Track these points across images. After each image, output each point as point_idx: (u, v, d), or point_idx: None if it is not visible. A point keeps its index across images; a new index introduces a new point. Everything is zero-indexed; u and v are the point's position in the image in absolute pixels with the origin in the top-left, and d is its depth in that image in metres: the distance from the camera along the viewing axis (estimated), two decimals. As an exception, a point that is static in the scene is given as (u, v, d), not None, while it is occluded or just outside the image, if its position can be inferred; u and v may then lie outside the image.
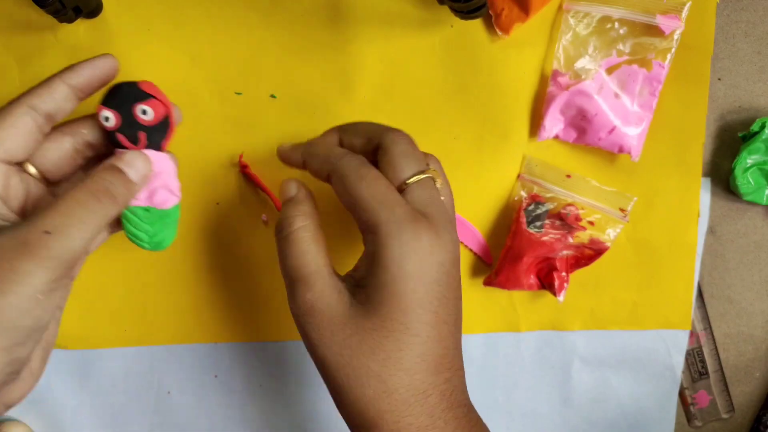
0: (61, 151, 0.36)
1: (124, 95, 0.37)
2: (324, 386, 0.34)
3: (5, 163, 0.33)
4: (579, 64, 0.46)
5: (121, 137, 0.36)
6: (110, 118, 0.36)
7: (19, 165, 0.35)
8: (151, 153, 0.37)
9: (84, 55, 0.45)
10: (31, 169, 0.35)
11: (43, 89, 0.34)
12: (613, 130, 0.46)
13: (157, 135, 0.37)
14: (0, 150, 0.33)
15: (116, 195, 0.33)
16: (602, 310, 0.51)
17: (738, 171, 0.48)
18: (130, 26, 0.45)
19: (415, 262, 0.32)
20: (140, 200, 0.36)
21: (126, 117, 0.37)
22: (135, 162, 0.35)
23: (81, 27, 0.44)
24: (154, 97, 0.37)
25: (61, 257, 0.30)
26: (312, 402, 0.50)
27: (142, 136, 0.37)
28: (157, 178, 0.37)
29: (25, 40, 0.44)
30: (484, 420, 0.36)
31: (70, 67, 0.35)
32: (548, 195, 0.47)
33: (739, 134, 0.49)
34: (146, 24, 0.45)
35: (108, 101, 0.37)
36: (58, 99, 0.34)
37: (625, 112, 0.46)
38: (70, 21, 0.43)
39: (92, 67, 0.36)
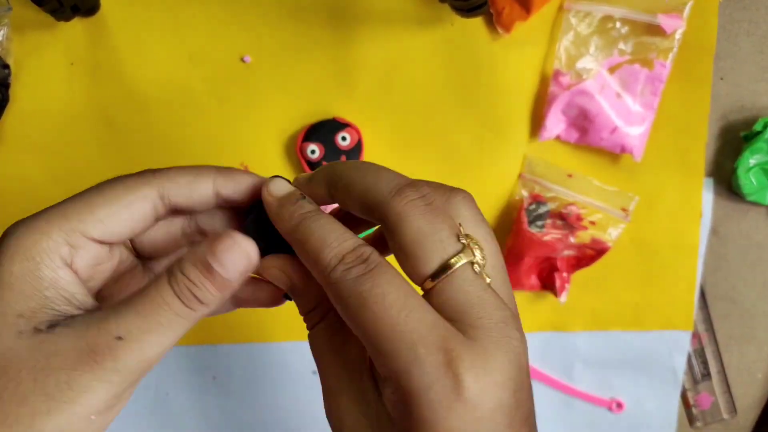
0: (168, 234, 0.30)
1: (325, 129, 0.45)
2: (321, 388, 0.32)
3: (99, 243, 0.26)
4: (580, 63, 0.46)
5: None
6: (316, 150, 0.45)
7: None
8: None
9: (83, 54, 0.45)
10: (127, 243, 0.29)
11: (185, 179, 0.27)
12: (615, 130, 0.46)
13: (354, 157, 0.45)
14: (100, 229, 0.26)
15: (203, 299, 0.25)
16: (604, 311, 0.50)
17: (740, 171, 0.48)
18: (128, 24, 0.44)
19: (466, 422, 0.22)
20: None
21: (329, 146, 0.45)
22: (229, 258, 0.25)
23: (78, 25, 0.44)
24: (349, 125, 0.45)
25: (130, 370, 0.23)
26: (310, 403, 0.50)
27: (343, 159, 0.45)
28: None
29: (23, 39, 0.44)
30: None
31: (225, 171, 0.28)
32: (549, 194, 0.47)
33: (742, 134, 0.49)
34: (144, 22, 0.44)
35: (311, 136, 0.45)
36: (196, 199, 0.27)
37: (627, 112, 0.46)
38: (68, 19, 0.43)
39: (248, 181, 0.28)
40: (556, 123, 0.46)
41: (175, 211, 0.28)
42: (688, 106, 0.47)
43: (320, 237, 0.24)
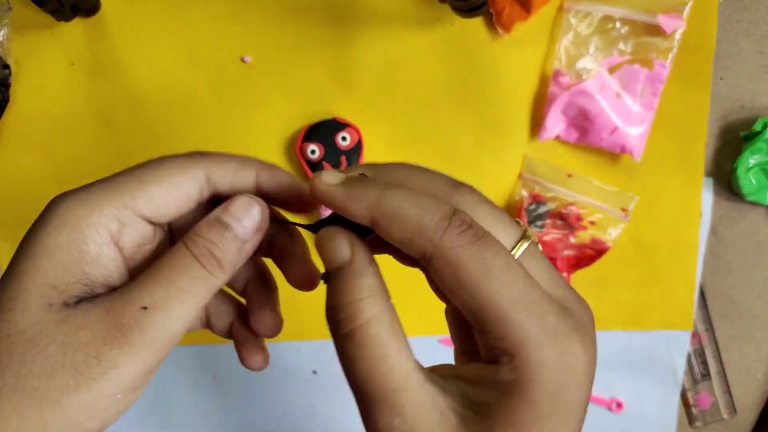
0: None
1: (325, 129, 0.45)
2: (322, 389, 0.32)
3: (147, 222, 0.26)
4: (580, 63, 0.46)
5: (325, 164, 0.44)
6: (316, 150, 0.45)
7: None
8: None
9: (83, 54, 0.45)
10: (165, 226, 0.29)
11: (231, 165, 0.27)
12: (615, 130, 0.46)
13: (354, 157, 0.45)
14: (150, 207, 0.25)
15: (222, 259, 0.24)
16: (604, 311, 0.50)
17: (740, 171, 0.48)
18: (128, 24, 0.44)
19: (572, 389, 0.22)
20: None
21: (329, 147, 0.45)
22: (244, 213, 0.25)
23: (79, 25, 0.44)
24: (349, 125, 0.45)
25: (157, 342, 0.23)
26: (310, 404, 0.50)
27: (343, 159, 0.45)
28: None
29: (24, 39, 0.44)
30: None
31: (269, 165, 0.28)
32: (549, 194, 0.47)
33: (741, 134, 0.49)
34: (144, 23, 0.44)
35: (311, 137, 0.45)
36: (238, 186, 0.27)
37: (626, 112, 0.46)
38: (68, 19, 0.43)
39: (288, 180, 0.27)
40: (556, 123, 0.46)
41: (213, 198, 0.27)
42: (688, 106, 0.47)
43: (414, 203, 0.22)
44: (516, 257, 0.23)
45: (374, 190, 0.23)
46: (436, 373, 0.24)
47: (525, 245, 0.23)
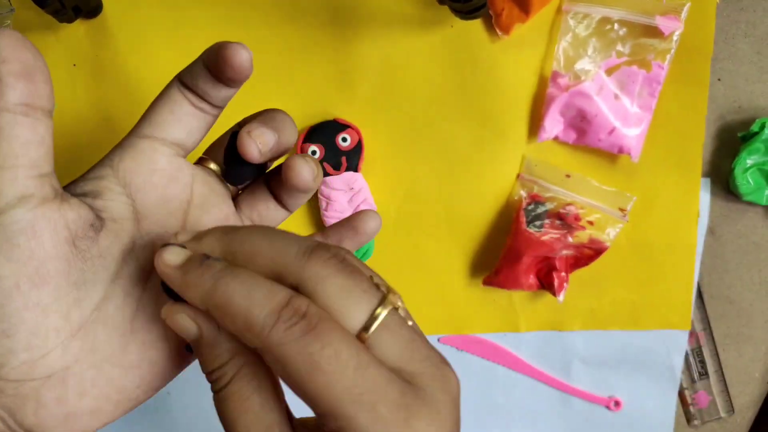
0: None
1: (326, 130, 0.45)
2: None
3: (178, 149, 0.27)
4: (579, 65, 0.46)
5: (326, 165, 0.45)
6: (317, 151, 0.45)
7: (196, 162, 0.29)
8: (350, 174, 0.44)
9: (84, 55, 0.45)
10: (213, 166, 0.29)
11: (188, 67, 0.28)
12: (612, 131, 0.46)
13: (354, 158, 0.45)
14: (164, 134, 0.27)
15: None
16: (602, 310, 0.50)
17: (738, 171, 0.48)
18: (130, 26, 0.45)
19: None
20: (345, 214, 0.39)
21: (329, 147, 0.45)
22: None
23: (81, 27, 0.44)
24: (349, 126, 0.45)
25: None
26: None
27: (344, 160, 0.45)
28: (358, 195, 0.41)
29: (25, 40, 0.44)
30: (484, 420, 0.35)
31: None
32: (548, 194, 0.47)
33: (739, 134, 0.49)
34: (146, 24, 0.45)
35: (312, 137, 0.45)
36: (197, 72, 0.27)
37: (624, 113, 0.46)
38: (70, 21, 0.43)
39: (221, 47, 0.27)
40: (554, 124, 0.46)
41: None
42: (686, 107, 0.48)
43: (245, 294, 0.21)
44: (369, 333, 0.21)
45: (208, 278, 0.22)
46: (307, 425, 0.24)
47: (381, 316, 0.22)
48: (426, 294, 0.50)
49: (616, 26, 0.45)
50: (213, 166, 0.29)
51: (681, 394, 0.53)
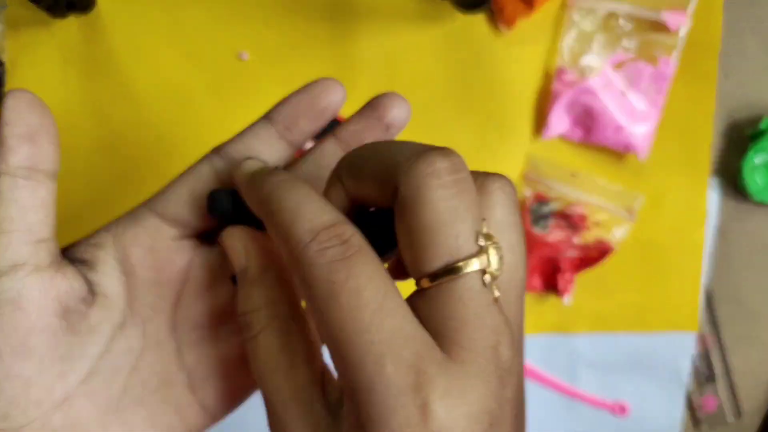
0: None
1: (326, 127, 0.42)
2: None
3: (187, 230, 0.26)
4: (584, 61, 0.45)
5: None
6: None
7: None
8: None
9: (78, 51, 0.44)
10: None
11: (244, 133, 0.27)
12: (619, 128, 0.45)
13: None
14: (175, 214, 0.26)
15: None
16: (608, 312, 0.50)
17: (746, 170, 0.47)
18: (124, 21, 0.44)
19: None
20: None
21: None
22: None
23: (74, 22, 0.44)
24: None
25: None
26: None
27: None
28: None
29: (18, 36, 0.44)
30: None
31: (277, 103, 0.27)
32: (553, 194, 0.47)
33: (747, 132, 0.48)
34: (140, 19, 0.44)
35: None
36: (259, 144, 0.26)
37: (631, 110, 0.45)
38: (63, 16, 0.43)
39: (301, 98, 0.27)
40: (559, 121, 0.46)
41: None
42: (694, 104, 0.47)
43: (293, 207, 0.20)
44: (432, 284, 0.19)
45: (269, 184, 0.22)
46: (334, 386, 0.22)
47: (460, 272, 0.19)
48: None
49: (621, 21, 0.45)
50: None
51: (688, 398, 0.53)
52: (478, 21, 0.45)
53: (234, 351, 0.26)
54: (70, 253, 0.25)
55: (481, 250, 0.19)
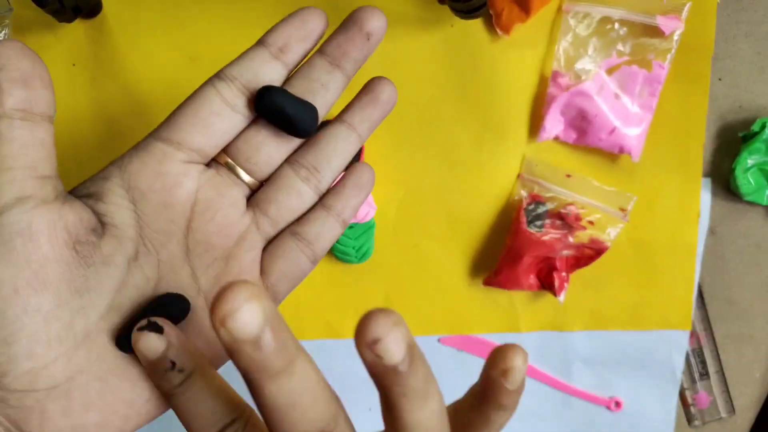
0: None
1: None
2: None
3: (193, 154, 0.26)
4: (579, 64, 0.46)
5: None
6: None
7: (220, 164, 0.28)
8: None
9: (84, 55, 0.45)
10: (242, 175, 0.28)
11: (240, 57, 0.27)
12: (613, 130, 0.46)
13: (354, 158, 0.45)
14: (180, 138, 0.26)
15: None
16: (602, 311, 0.50)
17: (738, 171, 0.48)
18: (130, 26, 0.45)
19: None
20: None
21: None
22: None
23: (80, 27, 0.44)
24: None
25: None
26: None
27: None
28: None
29: (25, 40, 0.44)
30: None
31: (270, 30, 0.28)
32: (548, 194, 0.47)
33: (740, 134, 0.49)
34: (145, 23, 0.44)
35: None
36: (257, 65, 0.27)
37: (625, 113, 0.46)
38: (70, 21, 0.43)
39: (290, 25, 0.28)
40: (554, 124, 0.46)
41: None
42: (687, 106, 0.47)
43: (188, 421, 0.23)
44: None
45: (166, 391, 0.24)
46: None
47: None
48: (426, 294, 0.50)
49: (616, 26, 0.45)
50: (227, 159, 0.28)
51: (681, 395, 0.53)
52: (475, 26, 0.46)
53: (247, 268, 0.27)
54: (77, 190, 0.26)
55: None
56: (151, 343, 0.23)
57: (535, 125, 0.47)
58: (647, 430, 0.53)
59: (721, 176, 0.50)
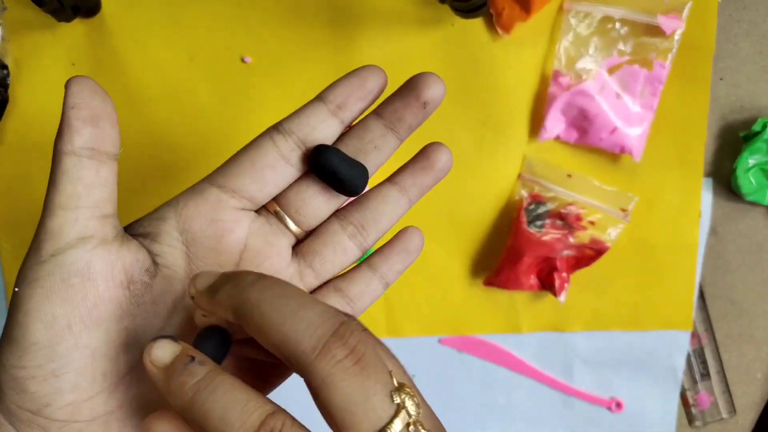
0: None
1: None
2: None
3: (246, 202, 0.27)
4: (580, 64, 0.46)
5: None
6: None
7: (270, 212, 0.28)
8: None
9: (83, 54, 0.45)
10: (290, 225, 0.28)
11: (299, 111, 0.28)
12: (614, 130, 0.46)
13: None
14: (234, 185, 0.26)
15: None
16: (603, 311, 0.50)
17: (740, 171, 0.48)
18: (129, 25, 0.45)
19: None
20: None
21: None
22: None
23: (79, 26, 0.44)
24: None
25: None
26: (311, 403, 0.50)
27: None
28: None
29: (24, 39, 0.44)
30: (484, 422, 0.35)
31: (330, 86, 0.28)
32: (549, 194, 0.47)
33: (741, 134, 0.49)
34: (145, 23, 0.45)
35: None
36: (314, 121, 0.28)
37: (626, 113, 0.46)
38: (69, 20, 0.43)
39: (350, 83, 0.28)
40: (555, 123, 0.46)
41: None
42: (688, 106, 0.47)
43: (221, 413, 0.20)
44: None
45: (188, 389, 0.21)
46: None
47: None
48: (427, 295, 0.50)
49: (617, 25, 0.45)
50: (276, 208, 0.28)
51: (683, 395, 0.53)
52: (476, 25, 0.46)
53: None
54: (133, 228, 0.26)
55: (399, 407, 0.20)
56: (165, 347, 0.22)
57: (535, 125, 0.47)
58: (648, 430, 0.52)
59: (723, 176, 0.50)
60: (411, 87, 0.27)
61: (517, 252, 0.47)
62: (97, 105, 0.24)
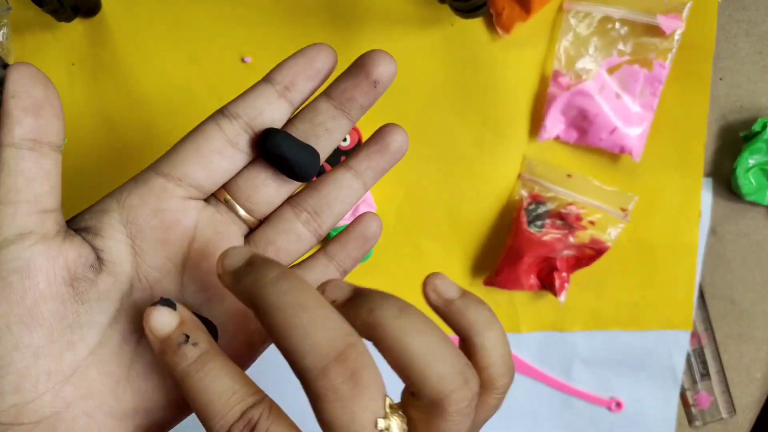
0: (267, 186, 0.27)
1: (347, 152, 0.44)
2: None
3: (193, 190, 0.26)
4: (580, 64, 0.46)
5: (325, 165, 0.44)
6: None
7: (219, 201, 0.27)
8: None
9: (83, 54, 0.45)
10: (241, 213, 0.27)
11: (245, 94, 0.27)
12: (614, 130, 0.46)
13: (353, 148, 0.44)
14: (180, 173, 0.25)
15: None
16: (603, 311, 0.50)
17: (740, 171, 0.48)
18: (129, 25, 0.45)
19: None
20: (345, 218, 0.37)
21: None
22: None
23: (79, 26, 0.44)
24: None
25: None
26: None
27: (343, 159, 0.43)
28: None
29: (24, 39, 0.44)
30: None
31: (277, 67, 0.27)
32: (549, 194, 0.47)
33: (741, 134, 0.49)
34: (145, 23, 0.45)
35: None
36: (261, 103, 0.26)
37: (626, 113, 0.46)
38: (69, 20, 0.43)
39: (297, 63, 0.27)
40: (555, 123, 0.46)
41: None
42: (688, 106, 0.47)
43: (206, 401, 0.21)
44: None
45: (179, 371, 0.22)
46: None
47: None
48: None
49: (617, 25, 0.45)
50: (226, 196, 0.27)
51: (682, 395, 0.53)
52: (476, 25, 0.46)
53: (243, 308, 0.26)
54: (76, 223, 0.25)
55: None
56: (164, 317, 0.22)
57: (535, 125, 0.47)
58: (648, 430, 0.52)
59: (722, 176, 0.50)
60: (360, 65, 0.26)
61: (517, 252, 0.47)
62: (38, 94, 0.23)
